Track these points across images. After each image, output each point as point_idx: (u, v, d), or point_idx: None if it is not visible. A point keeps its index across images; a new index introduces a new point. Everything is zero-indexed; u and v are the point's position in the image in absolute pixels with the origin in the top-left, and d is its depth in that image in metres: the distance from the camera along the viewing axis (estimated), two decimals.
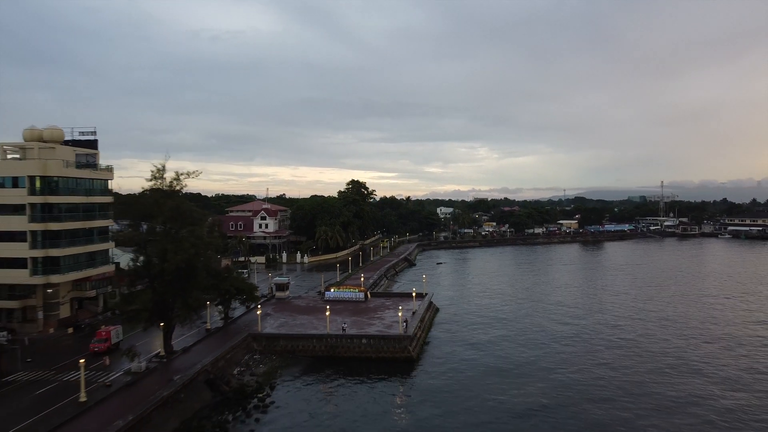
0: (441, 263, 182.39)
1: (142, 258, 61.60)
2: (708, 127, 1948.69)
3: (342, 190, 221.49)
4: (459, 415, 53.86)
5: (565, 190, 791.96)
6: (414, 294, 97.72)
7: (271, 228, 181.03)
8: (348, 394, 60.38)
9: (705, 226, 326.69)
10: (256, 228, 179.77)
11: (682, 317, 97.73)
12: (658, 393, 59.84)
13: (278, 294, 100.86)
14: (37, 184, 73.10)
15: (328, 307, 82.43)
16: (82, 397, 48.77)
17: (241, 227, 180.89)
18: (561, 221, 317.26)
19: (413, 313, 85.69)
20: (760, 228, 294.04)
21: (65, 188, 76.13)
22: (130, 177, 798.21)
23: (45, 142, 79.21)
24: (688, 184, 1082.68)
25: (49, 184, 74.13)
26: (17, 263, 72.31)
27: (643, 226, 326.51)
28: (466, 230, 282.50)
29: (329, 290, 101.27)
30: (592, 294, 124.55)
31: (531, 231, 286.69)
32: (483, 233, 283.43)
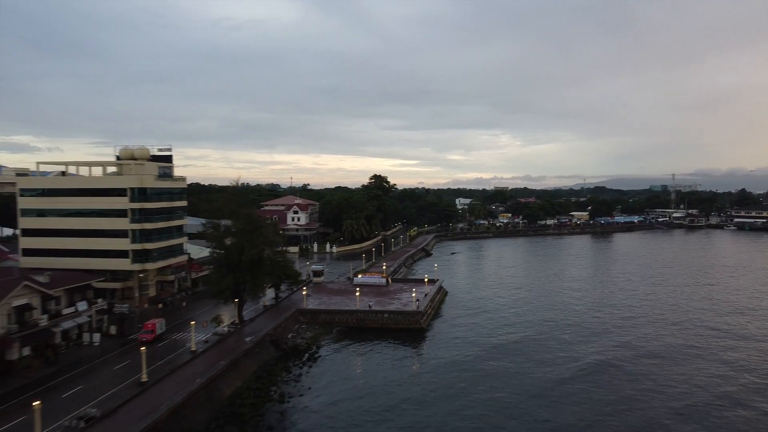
0: (455, 253, 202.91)
1: (221, 251, 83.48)
2: (736, 113, 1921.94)
3: (365, 183, 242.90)
4: (451, 369, 74.80)
5: (585, 179, 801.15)
6: (426, 280, 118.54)
7: (303, 221, 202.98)
8: (372, 352, 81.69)
9: (713, 217, 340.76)
10: (289, 221, 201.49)
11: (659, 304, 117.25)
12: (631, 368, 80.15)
13: (315, 279, 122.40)
14: (135, 193, 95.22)
15: (357, 289, 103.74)
16: (192, 347, 70.75)
17: (275, 220, 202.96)
18: (573, 213, 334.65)
19: (425, 295, 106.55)
20: (765, 220, 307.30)
21: (154, 196, 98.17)
22: None
23: (136, 159, 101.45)
24: (714, 171, 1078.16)
25: (144, 193, 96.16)
26: (121, 254, 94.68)
27: (652, 218, 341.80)
28: (481, 221, 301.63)
29: (357, 276, 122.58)
30: (585, 280, 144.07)
31: (543, 222, 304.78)
32: (497, 225, 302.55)
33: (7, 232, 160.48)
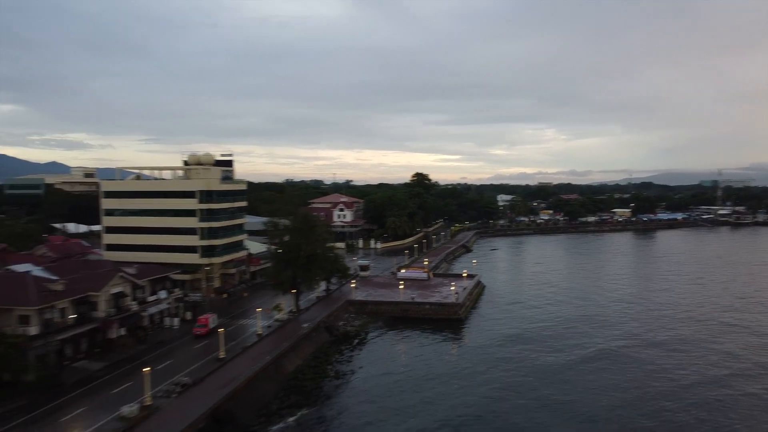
0: (494, 249, 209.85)
1: (278, 249, 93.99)
2: None
3: (407, 179, 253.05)
4: (484, 355, 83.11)
5: (631, 174, 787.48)
6: (465, 275, 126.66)
7: (348, 218, 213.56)
8: (413, 338, 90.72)
9: (760, 214, 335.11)
10: (335, 218, 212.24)
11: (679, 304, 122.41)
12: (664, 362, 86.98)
13: (362, 273, 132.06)
14: (202, 195, 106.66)
15: (401, 283, 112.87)
16: (258, 331, 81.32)
17: (322, 217, 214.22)
18: (614, 210, 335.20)
19: (464, 288, 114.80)
20: None
21: (219, 197, 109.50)
22: None
23: (202, 164, 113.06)
24: None
25: (210, 195, 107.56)
26: (191, 249, 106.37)
27: (697, 215, 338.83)
28: (522, 218, 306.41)
29: (400, 271, 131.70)
30: (623, 277, 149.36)
31: (584, 219, 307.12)
32: (538, 222, 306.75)
33: (83, 228, 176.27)
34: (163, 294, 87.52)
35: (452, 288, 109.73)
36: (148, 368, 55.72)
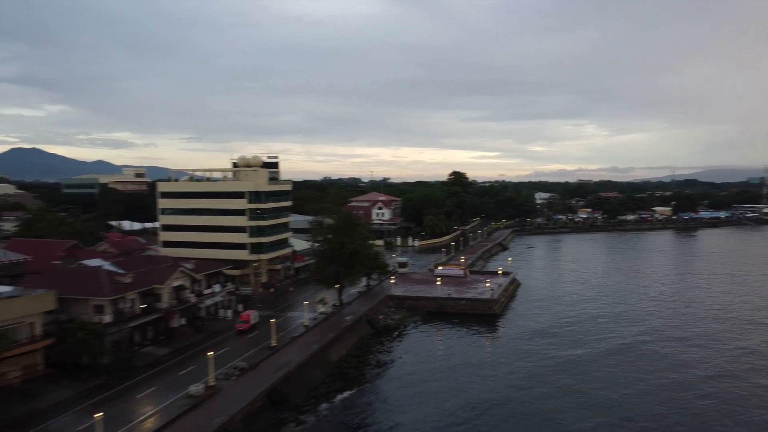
0: (531, 247, 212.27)
1: (321, 246, 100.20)
2: None
3: (444, 176, 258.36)
4: (517, 349, 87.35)
5: (675, 171, 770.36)
6: (500, 272, 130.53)
7: (387, 216, 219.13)
8: (450, 332, 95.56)
9: None
10: (374, 216, 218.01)
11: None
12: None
13: (400, 270, 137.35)
14: (251, 196, 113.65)
15: (438, 279, 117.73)
16: (305, 322, 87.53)
17: (362, 215, 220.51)
18: (654, 208, 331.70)
19: (499, 285, 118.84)
20: None
21: (266, 197, 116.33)
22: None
23: (250, 166, 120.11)
24: None
25: (258, 196, 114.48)
26: (240, 246, 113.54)
27: (741, 214, 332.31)
28: (559, 216, 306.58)
29: (437, 268, 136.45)
30: (659, 276, 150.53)
31: (623, 218, 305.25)
32: (575, 220, 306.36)
33: (137, 226, 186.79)
34: (217, 288, 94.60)
35: (488, 284, 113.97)
36: (212, 352, 62.34)
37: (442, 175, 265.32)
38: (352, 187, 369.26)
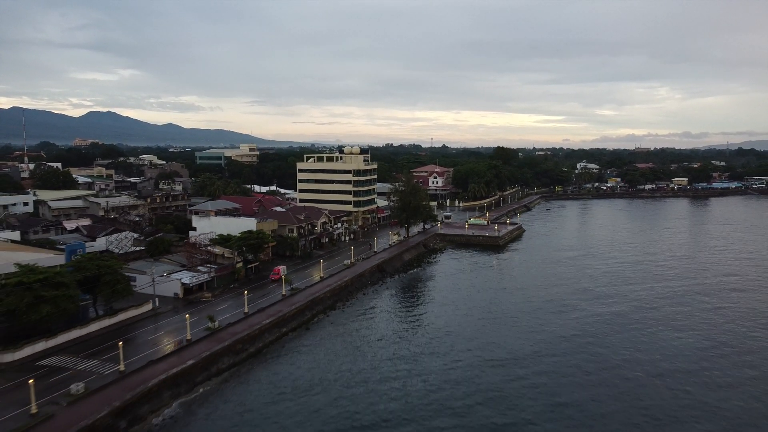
0: (548, 210, 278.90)
1: (396, 203, 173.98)
2: None
3: (505, 144, 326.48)
4: (514, 266, 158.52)
5: (752, 137, 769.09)
6: (508, 222, 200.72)
7: (440, 183, 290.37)
8: (472, 253, 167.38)
9: None
10: (430, 183, 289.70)
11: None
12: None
13: (446, 220, 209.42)
14: (355, 173, 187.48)
15: (467, 225, 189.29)
16: (391, 242, 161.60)
17: (420, 183, 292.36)
18: (674, 178, 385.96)
19: (508, 230, 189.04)
20: None
21: (363, 174, 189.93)
22: (302, 123, 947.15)
23: (353, 153, 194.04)
24: None
25: (358, 173, 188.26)
26: (348, 203, 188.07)
27: (750, 184, 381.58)
28: (587, 185, 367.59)
29: (470, 220, 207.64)
30: (638, 230, 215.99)
31: (642, 187, 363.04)
32: (601, 188, 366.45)
33: (264, 189, 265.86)
34: (338, 225, 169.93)
35: (496, 229, 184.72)
36: (352, 248, 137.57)
37: (504, 140, 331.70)
38: (413, 157, 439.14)
